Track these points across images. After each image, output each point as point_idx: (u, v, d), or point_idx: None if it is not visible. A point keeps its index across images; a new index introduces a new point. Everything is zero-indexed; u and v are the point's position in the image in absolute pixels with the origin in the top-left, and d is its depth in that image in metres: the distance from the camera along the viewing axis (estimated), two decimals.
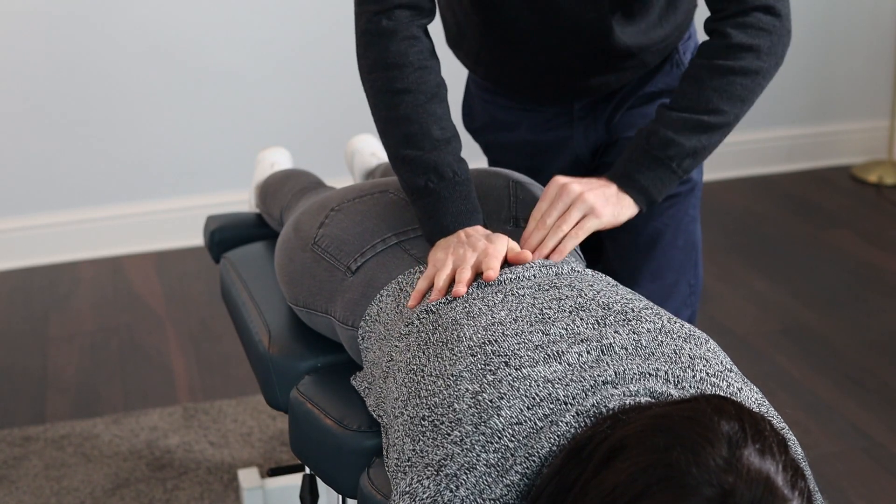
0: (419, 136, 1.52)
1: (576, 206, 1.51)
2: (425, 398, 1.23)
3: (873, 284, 3.26)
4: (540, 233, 1.50)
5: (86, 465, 2.48)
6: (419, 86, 1.54)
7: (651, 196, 1.58)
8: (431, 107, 1.54)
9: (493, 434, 1.15)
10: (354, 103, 3.64)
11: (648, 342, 1.24)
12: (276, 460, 2.47)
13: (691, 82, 1.60)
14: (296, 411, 1.54)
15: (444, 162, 1.52)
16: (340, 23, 3.58)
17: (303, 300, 1.62)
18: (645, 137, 1.58)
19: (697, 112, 1.57)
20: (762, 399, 1.23)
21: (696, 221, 1.89)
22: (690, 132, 1.57)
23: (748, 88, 1.58)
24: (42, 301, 3.32)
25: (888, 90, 4.14)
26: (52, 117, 3.47)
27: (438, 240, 1.50)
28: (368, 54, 1.57)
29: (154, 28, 3.45)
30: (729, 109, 1.58)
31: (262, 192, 2.18)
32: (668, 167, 1.57)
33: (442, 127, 1.54)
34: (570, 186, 1.52)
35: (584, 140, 1.84)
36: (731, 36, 1.57)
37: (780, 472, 1.00)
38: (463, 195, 1.52)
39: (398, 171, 1.55)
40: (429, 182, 1.51)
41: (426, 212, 1.52)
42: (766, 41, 1.58)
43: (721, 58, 1.58)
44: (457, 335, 1.28)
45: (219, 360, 2.93)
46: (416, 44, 1.56)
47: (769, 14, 1.58)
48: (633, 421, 1.07)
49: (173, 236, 3.63)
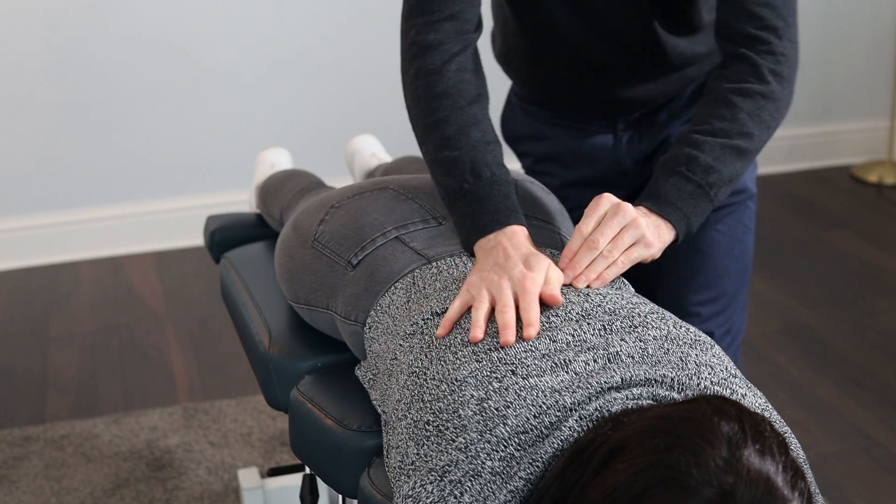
0: (457, 137, 1.47)
1: (629, 231, 1.39)
2: (429, 402, 1.23)
3: (873, 284, 3.26)
4: (589, 254, 1.38)
5: (86, 465, 2.48)
6: (458, 90, 1.50)
7: (691, 226, 1.48)
8: (471, 109, 1.49)
9: (498, 442, 1.15)
10: (355, 104, 3.66)
11: (655, 350, 1.24)
12: (276, 460, 2.47)
13: (722, 106, 1.53)
14: (296, 411, 1.54)
15: (482, 161, 1.46)
16: (341, 23, 3.58)
17: (303, 297, 1.62)
18: (683, 163, 1.49)
19: (733, 136, 1.51)
20: (766, 404, 1.23)
21: (750, 233, 1.83)
22: (728, 158, 1.50)
23: (773, 116, 1.54)
24: (42, 301, 3.32)
25: (888, 90, 4.15)
26: (52, 117, 3.47)
27: (476, 242, 1.42)
28: (412, 66, 1.53)
29: (154, 28, 3.45)
30: (758, 135, 1.52)
31: (263, 193, 2.18)
32: (708, 195, 1.49)
33: (482, 130, 1.48)
34: (626, 206, 1.40)
35: (627, 150, 1.81)
36: (754, 59, 1.53)
37: (780, 473, 1.00)
38: (502, 195, 1.44)
39: (436, 178, 1.50)
40: (465, 182, 1.45)
41: (463, 214, 1.45)
42: (787, 68, 1.54)
43: (749, 81, 1.53)
44: (461, 340, 1.28)
45: (219, 360, 2.93)
46: (460, 55, 1.53)
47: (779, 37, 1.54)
48: (633, 422, 1.07)
49: (173, 236, 3.63)
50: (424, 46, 1.52)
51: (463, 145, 1.46)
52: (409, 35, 1.54)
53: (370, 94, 3.63)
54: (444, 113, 1.48)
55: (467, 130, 1.47)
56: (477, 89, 1.52)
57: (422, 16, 1.53)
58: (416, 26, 1.53)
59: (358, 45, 3.60)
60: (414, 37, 1.53)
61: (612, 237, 1.38)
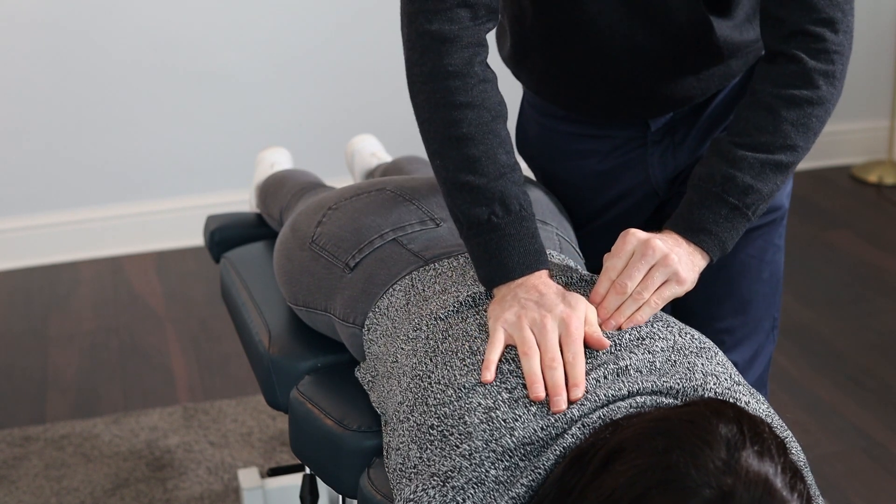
0: (483, 161, 1.34)
1: (658, 270, 1.30)
2: (434, 406, 1.23)
3: (873, 284, 3.26)
4: (617, 298, 1.29)
5: (86, 465, 2.48)
6: (483, 101, 1.35)
7: (726, 249, 1.38)
8: (496, 126, 1.36)
9: (503, 452, 1.15)
10: (355, 104, 3.66)
11: (663, 363, 1.24)
12: (276, 460, 2.47)
13: (765, 115, 1.38)
14: (296, 411, 1.54)
15: (511, 193, 1.33)
16: (341, 24, 3.58)
17: (302, 299, 1.62)
18: (720, 183, 1.37)
19: (774, 151, 1.37)
20: (768, 410, 1.23)
21: (781, 251, 1.72)
22: (769, 175, 1.37)
23: (821, 120, 1.40)
24: (42, 301, 3.32)
25: (888, 90, 4.14)
26: (52, 117, 3.47)
27: (499, 285, 1.32)
28: (425, 61, 1.36)
29: (155, 29, 3.45)
30: (803, 146, 1.39)
31: (262, 193, 2.18)
32: (745, 215, 1.37)
33: (507, 151, 1.36)
34: (655, 244, 1.31)
35: (660, 166, 1.65)
36: (805, 61, 1.38)
37: (778, 474, 1.00)
38: (530, 233, 1.34)
39: (454, 199, 1.36)
40: (493, 215, 1.33)
41: (487, 250, 1.33)
42: (839, 66, 1.39)
43: (797, 86, 1.38)
44: (469, 347, 1.27)
45: (219, 360, 2.93)
46: (480, 52, 1.37)
47: (835, 31, 1.39)
48: (632, 426, 1.08)
49: (173, 236, 3.63)
50: (438, 38, 1.35)
51: (490, 171, 1.34)
52: (417, 22, 1.36)
53: (370, 94, 3.63)
54: (468, 129, 1.34)
55: (494, 153, 1.34)
56: (499, 100, 1.38)
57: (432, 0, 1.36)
58: (425, 13, 1.36)
59: (358, 45, 3.60)
60: (424, 24, 1.36)
61: (642, 279, 1.30)
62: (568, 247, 1.55)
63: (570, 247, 1.56)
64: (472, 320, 1.32)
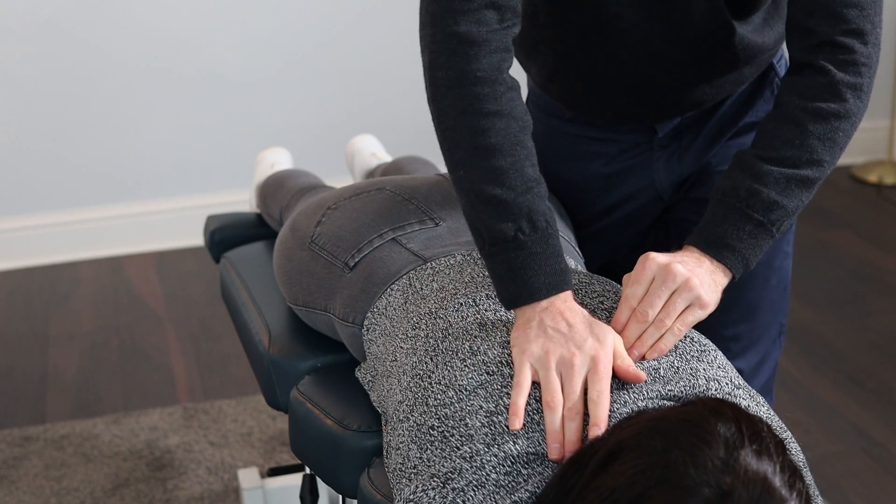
0: (511, 173, 1.28)
1: (681, 295, 1.26)
2: (434, 407, 1.23)
3: (873, 284, 3.26)
4: (639, 326, 1.26)
5: (86, 465, 2.48)
6: (511, 110, 1.30)
7: (749, 266, 1.34)
8: (524, 138, 1.30)
9: (506, 458, 1.15)
10: (355, 104, 3.66)
11: (667, 370, 1.24)
12: (276, 460, 2.47)
13: (792, 128, 1.35)
14: (296, 411, 1.54)
15: (538, 209, 1.28)
16: (341, 24, 3.58)
17: (302, 299, 1.62)
18: (744, 198, 1.33)
19: (801, 165, 1.33)
20: (769, 412, 1.24)
21: (789, 258, 1.69)
22: (794, 190, 1.34)
23: (847, 135, 1.36)
24: (42, 301, 3.32)
25: (888, 90, 4.14)
26: (52, 117, 3.47)
27: (522, 306, 1.27)
28: (452, 64, 1.29)
29: (155, 29, 3.45)
30: (829, 160, 1.35)
31: (262, 193, 2.18)
32: (769, 232, 1.33)
33: (533, 164, 1.30)
34: (675, 268, 1.27)
35: (666, 171, 1.62)
36: (833, 73, 1.35)
37: (777, 473, 1.01)
38: (555, 252, 1.28)
39: (477, 212, 1.29)
40: (519, 232, 1.27)
41: (511, 268, 1.27)
42: (868, 78, 1.36)
43: (824, 99, 1.34)
44: (469, 347, 1.27)
45: (219, 360, 2.93)
46: (507, 58, 1.32)
47: (864, 43, 1.35)
48: (630, 426, 1.08)
49: (173, 236, 3.63)
50: (466, 41, 1.29)
51: (517, 185, 1.27)
52: (443, 22, 1.30)
53: (370, 95, 3.63)
54: (496, 139, 1.28)
55: (521, 166, 1.28)
56: (525, 110, 1.32)
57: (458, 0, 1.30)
58: (451, 13, 1.29)
59: (358, 45, 3.60)
60: (451, 26, 1.29)
61: (663, 305, 1.26)
62: (567, 246, 1.55)
63: (569, 246, 1.56)
64: (472, 319, 1.31)
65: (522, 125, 1.30)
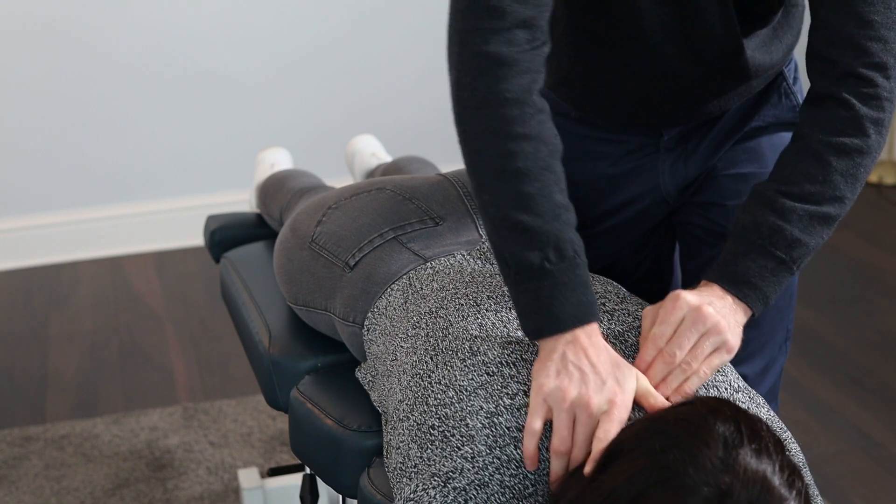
0: (539, 199, 1.23)
1: (709, 338, 1.24)
2: (434, 407, 1.23)
3: (873, 284, 3.26)
4: (664, 367, 1.23)
5: (86, 465, 2.48)
6: (540, 133, 1.26)
7: (768, 304, 1.31)
8: (552, 162, 1.26)
9: (509, 461, 1.15)
10: (355, 104, 3.66)
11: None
12: (276, 460, 2.47)
13: (814, 163, 1.31)
14: (296, 411, 1.54)
15: (566, 237, 1.24)
16: (342, 24, 3.58)
17: (302, 299, 1.62)
18: (767, 235, 1.30)
19: (823, 202, 1.30)
20: (769, 413, 1.24)
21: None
22: (816, 227, 1.31)
23: (867, 171, 1.33)
24: (42, 301, 3.32)
25: None
26: (52, 117, 3.47)
27: (546, 337, 1.22)
28: (479, 85, 1.25)
29: (154, 28, 3.45)
30: (850, 198, 1.32)
31: (262, 193, 2.18)
32: (791, 270, 1.31)
33: (562, 189, 1.26)
34: (706, 311, 1.24)
35: (671, 174, 1.61)
36: (857, 107, 1.32)
37: (776, 472, 1.01)
38: (583, 283, 1.23)
39: (503, 238, 1.25)
40: (546, 261, 1.22)
41: (537, 298, 1.23)
42: (889, 113, 1.33)
43: (847, 134, 1.32)
44: (469, 347, 1.27)
45: (219, 360, 2.93)
46: (538, 79, 1.28)
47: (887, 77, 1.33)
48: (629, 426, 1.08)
49: (173, 236, 3.63)
50: (496, 61, 1.25)
51: (545, 211, 1.23)
52: (473, 42, 1.26)
53: (370, 95, 3.63)
54: (525, 163, 1.24)
55: (550, 192, 1.24)
56: (554, 133, 1.29)
57: (488, 19, 1.25)
58: (481, 32, 1.25)
59: (358, 46, 3.60)
60: (480, 45, 1.25)
61: (691, 348, 1.24)
62: None
63: None
64: (473, 319, 1.31)
65: (552, 149, 1.27)
